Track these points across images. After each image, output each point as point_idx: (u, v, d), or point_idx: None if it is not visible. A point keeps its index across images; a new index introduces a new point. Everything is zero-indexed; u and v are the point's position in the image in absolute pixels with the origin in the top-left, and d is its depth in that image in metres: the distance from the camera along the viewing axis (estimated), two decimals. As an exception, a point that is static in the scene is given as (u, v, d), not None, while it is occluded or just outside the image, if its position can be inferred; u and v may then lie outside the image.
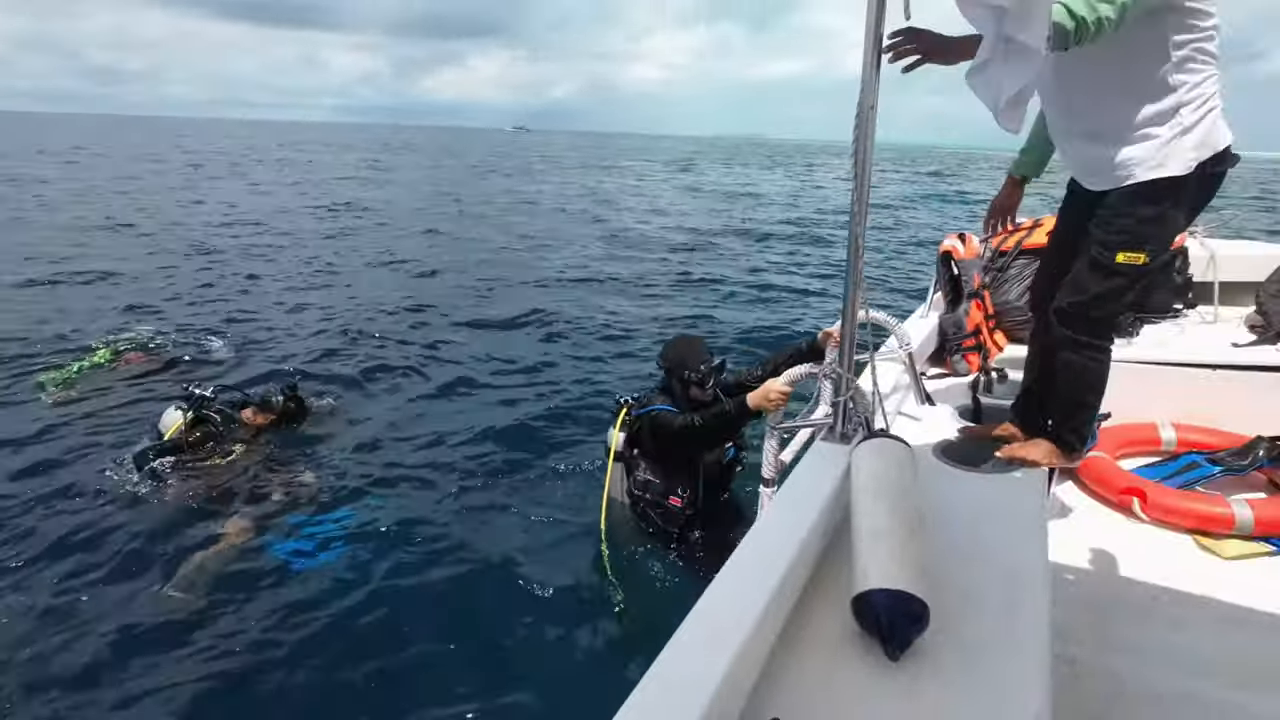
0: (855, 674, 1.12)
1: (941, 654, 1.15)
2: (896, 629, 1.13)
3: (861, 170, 1.42)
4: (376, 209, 15.86)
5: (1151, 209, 1.57)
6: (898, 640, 1.13)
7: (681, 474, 2.99)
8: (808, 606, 1.29)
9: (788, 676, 1.12)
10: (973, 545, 1.45)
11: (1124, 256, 1.60)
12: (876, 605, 1.14)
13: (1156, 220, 1.58)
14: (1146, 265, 1.61)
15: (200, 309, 7.11)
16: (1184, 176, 1.53)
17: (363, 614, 2.80)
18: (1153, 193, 1.56)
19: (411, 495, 3.73)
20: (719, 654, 0.97)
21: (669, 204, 19.80)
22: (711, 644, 1.00)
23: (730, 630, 1.03)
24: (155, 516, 3.32)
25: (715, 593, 1.12)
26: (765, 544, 1.26)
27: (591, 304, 7.92)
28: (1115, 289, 1.65)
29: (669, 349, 3.05)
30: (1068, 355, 1.77)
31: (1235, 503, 2.10)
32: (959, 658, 1.15)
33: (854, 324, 1.55)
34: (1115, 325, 1.76)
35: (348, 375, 5.38)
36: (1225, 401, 2.69)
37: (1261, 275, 3.25)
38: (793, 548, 1.23)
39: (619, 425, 3.07)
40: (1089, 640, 1.66)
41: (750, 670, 1.07)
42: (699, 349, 2.97)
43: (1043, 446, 1.87)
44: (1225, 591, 1.83)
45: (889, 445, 1.45)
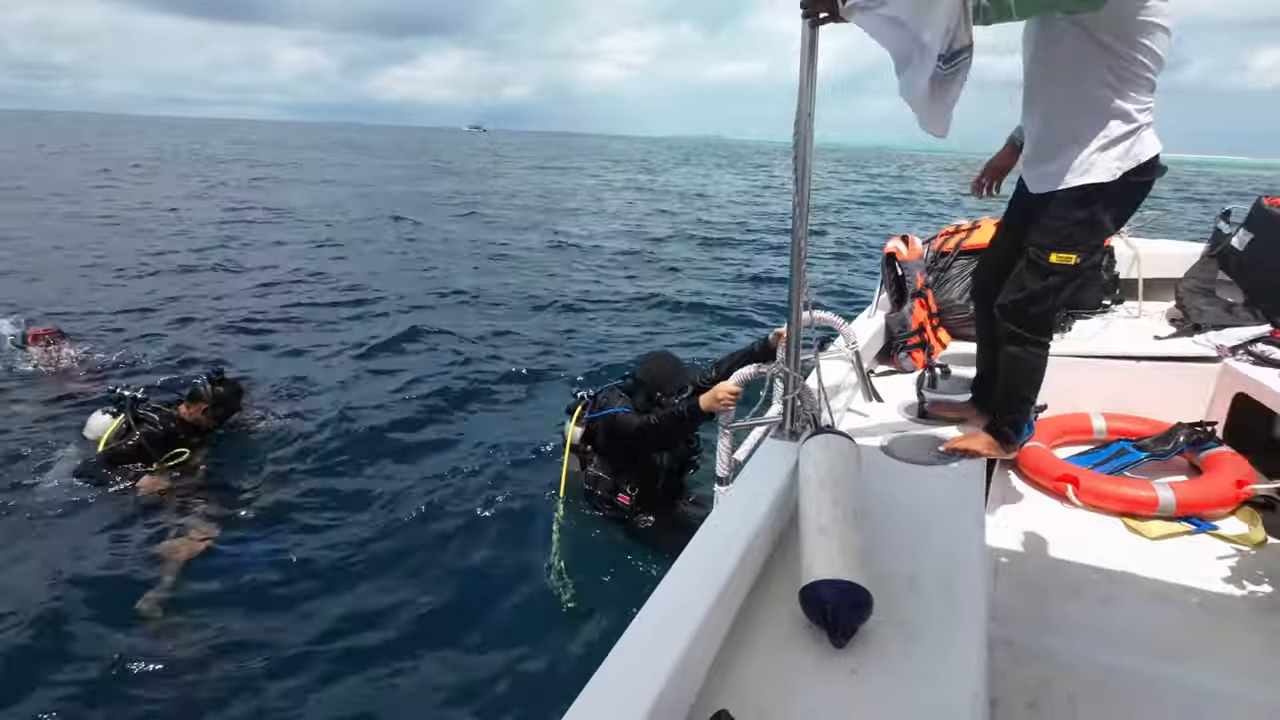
0: (803, 662, 1.16)
1: (885, 639, 1.20)
2: (841, 618, 1.18)
3: (802, 175, 1.47)
4: (292, 211, 15.06)
5: (1080, 212, 1.70)
6: (842, 628, 1.17)
7: (631, 472, 3.03)
8: (760, 599, 1.33)
9: (738, 668, 1.15)
10: (915, 534, 1.51)
11: (1056, 257, 1.72)
12: (822, 596, 1.19)
13: (1085, 223, 1.71)
14: (1077, 266, 1.74)
15: (83, 318, 6.60)
16: (1108, 183, 1.66)
17: (313, 612, 2.80)
18: (1080, 197, 1.69)
19: (356, 491, 3.71)
20: (669, 648, 1.00)
21: (622, 206, 19.87)
22: (662, 638, 1.02)
23: (681, 624, 1.05)
24: (116, 528, 3.20)
25: (667, 588, 1.15)
26: (716, 539, 1.29)
27: (526, 304, 7.98)
28: (1050, 287, 1.77)
29: (651, 363, 3.08)
30: (1012, 349, 1.89)
31: (1159, 486, 2.23)
32: (901, 641, 1.20)
33: (799, 325, 1.60)
34: (1053, 322, 1.88)
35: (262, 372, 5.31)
36: (1149, 391, 2.86)
37: (1180, 272, 3.45)
38: (742, 542, 1.27)
39: (575, 419, 3.08)
40: (1026, 621, 1.74)
41: (701, 663, 1.10)
42: (679, 375, 3.01)
43: (983, 438, 1.99)
44: (1151, 569, 1.95)
45: (834, 440, 1.49)
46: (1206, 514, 2.20)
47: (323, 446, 4.11)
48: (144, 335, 6.11)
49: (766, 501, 1.41)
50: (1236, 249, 3.24)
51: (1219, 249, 3.35)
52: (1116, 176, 1.65)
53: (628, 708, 0.88)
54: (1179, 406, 2.71)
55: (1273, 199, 3.20)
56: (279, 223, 13.27)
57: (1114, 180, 1.66)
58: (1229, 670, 1.56)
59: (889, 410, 2.34)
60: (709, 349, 6.45)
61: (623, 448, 2.96)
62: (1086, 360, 3.00)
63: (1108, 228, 1.77)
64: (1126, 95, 1.62)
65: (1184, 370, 2.86)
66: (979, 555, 1.46)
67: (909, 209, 21.36)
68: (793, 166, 1.47)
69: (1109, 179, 1.66)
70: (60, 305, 6.92)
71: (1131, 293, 3.56)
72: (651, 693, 0.91)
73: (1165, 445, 2.52)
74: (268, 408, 4.53)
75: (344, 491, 3.67)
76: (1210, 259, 3.38)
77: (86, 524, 3.22)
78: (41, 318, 5.96)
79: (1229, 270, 3.26)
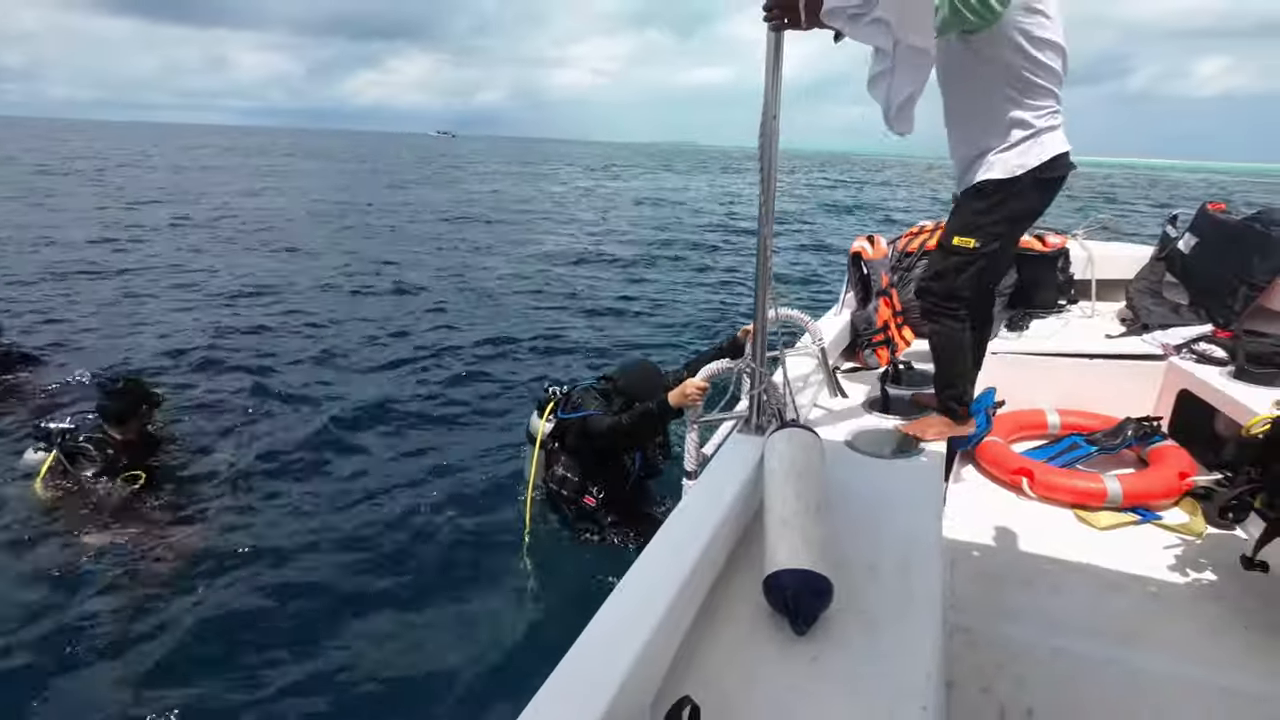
0: (766, 650, 1.19)
1: (845, 625, 1.24)
2: (802, 605, 1.21)
3: (767, 178, 1.50)
4: (236, 217, 14.64)
5: (981, 203, 1.89)
6: (804, 616, 1.21)
7: (600, 474, 3.04)
8: (726, 589, 1.36)
9: (703, 656, 1.17)
10: (876, 524, 1.56)
11: (958, 240, 1.92)
12: (783, 584, 1.22)
13: (984, 213, 1.89)
14: (976, 249, 1.91)
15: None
16: (1009, 180, 1.83)
17: (270, 611, 2.80)
18: (983, 192, 1.88)
19: (320, 489, 3.70)
20: (633, 637, 1.01)
21: (583, 210, 19.79)
22: (626, 627, 1.04)
23: (645, 613, 1.07)
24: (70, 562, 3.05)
25: (632, 578, 1.17)
26: (681, 530, 1.31)
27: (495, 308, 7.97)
28: (951, 266, 1.96)
29: (633, 373, 3.07)
30: (931, 326, 2.07)
31: (1107, 478, 2.33)
32: (860, 627, 1.24)
33: (764, 322, 1.63)
34: (959, 297, 2.01)
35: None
36: (1101, 388, 2.98)
37: (1131, 273, 3.60)
38: (707, 533, 1.29)
39: (546, 415, 3.07)
40: (982, 609, 1.80)
41: (665, 651, 1.12)
42: (660, 387, 3.02)
43: (935, 421, 2.10)
44: (1100, 558, 2.03)
45: (798, 434, 1.53)
46: (1152, 505, 2.30)
47: (279, 457, 4.05)
48: (69, 347, 5.83)
49: (731, 493, 1.44)
50: (1183, 252, 3.38)
51: (1166, 252, 3.50)
52: (1015, 174, 1.82)
53: (591, 695, 0.90)
54: (1128, 402, 2.83)
55: (1215, 204, 3.35)
56: (163, 231, 12.62)
57: (1013, 177, 1.82)
58: (1170, 653, 1.64)
59: (853, 405, 2.39)
60: (680, 350, 6.51)
61: (594, 449, 2.96)
62: (1043, 358, 3.11)
63: (1011, 219, 1.93)
64: (1025, 105, 1.79)
65: (1133, 368, 2.98)
66: (936, 544, 1.51)
67: (874, 214, 21.73)
68: (759, 169, 1.50)
69: (1006, 176, 1.83)
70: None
71: (1086, 293, 3.70)
72: (615, 680, 0.93)
73: (1114, 440, 2.62)
74: (223, 422, 4.43)
75: (296, 499, 3.63)
76: (1158, 261, 3.53)
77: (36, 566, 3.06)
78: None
79: (1175, 272, 3.41)
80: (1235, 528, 2.10)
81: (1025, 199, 1.87)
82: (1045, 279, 3.51)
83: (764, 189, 1.51)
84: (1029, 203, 1.90)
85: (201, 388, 5.08)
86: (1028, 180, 1.82)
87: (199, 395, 4.93)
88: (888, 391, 2.56)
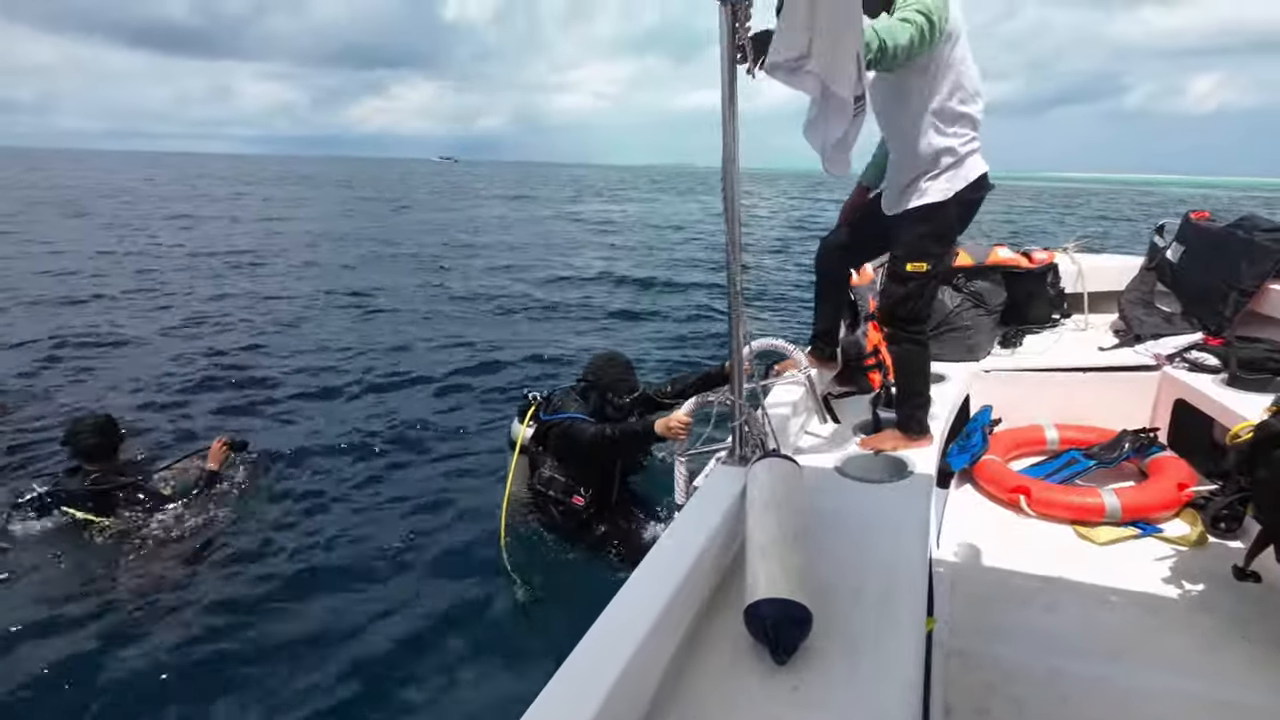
0: (747, 680, 1.20)
1: (827, 653, 1.25)
2: (781, 634, 1.22)
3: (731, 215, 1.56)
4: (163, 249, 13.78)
5: (923, 227, 2.03)
6: (783, 645, 1.22)
7: (586, 475, 3.07)
8: (709, 621, 1.37)
9: (685, 688, 1.19)
10: (861, 549, 1.57)
11: (911, 266, 2.05)
12: (763, 614, 1.23)
13: (927, 236, 2.05)
14: (930, 271, 2.06)
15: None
16: (943, 202, 1.99)
17: (251, 627, 2.82)
18: (923, 216, 2.02)
19: (299, 502, 3.74)
20: (612, 669, 1.03)
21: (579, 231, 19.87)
22: (606, 660, 1.06)
23: (624, 646, 1.09)
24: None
25: (612, 610, 1.19)
26: (663, 562, 1.33)
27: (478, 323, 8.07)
28: (910, 292, 2.09)
29: (598, 363, 3.14)
30: (895, 349, 2.21)
31: (1105, 493, 2.31)
32: (843, 654, 1.24)
33: (740, 355, 1.67)
34: (922, 319, 2.16)
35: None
36: (1098, 401, 2.97)
37: (1122, 284, 3.61)
38: (688, 564, 1.31)
39: (526, 420, 3.10)
40: (980, 632, 1.79)
41: (646, 684, 1.13)
42: (627, 379, 3.07)
43: (889, 435, 2.21)
44: (1097, 575, 2.01)
45: (778, 464, 1.56)
46: (1152, 518, 2.29)
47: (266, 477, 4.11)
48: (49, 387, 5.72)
49: (714, 525, 1.46)
50: (1171, 261, 3.40)
51: (1155, 262, 3.52)
52: (949, 197, 1.99)
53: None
54: (1125, 414, 2.82)
55: (1199, 214, 3.38)
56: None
57: (945, 200, 1.99)
58: (1167, 668, 1.62)
59: (844, 431, 2.41)
60: (671, 370, 6.57)
61: (579, 454, 2.99)
62: (1038, 374, 3.12)
63: (949, 238, 2.12)
64: (947, 133, 1.96)
65: (1128, 379, 2.98)
66: (921, 566, 1.51)
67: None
68: (723, 206, 1.56)
69: (941, 199, 1.99)
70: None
71: (1078, 306, 3.71)
72: (594, 712, 0.95)
73: (1112, 453, 2.61)
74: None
75: (277, 519, 3.67)
76: (1148, 271, 3.55)
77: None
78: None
79: (1166, 282, 3.42)
80: (1236, 538, 2.08)
81: (950, 219, 2.04)
82: (1035, 294, 3.53)
83: (729, 227, 1.56)
84: (953, 222, 2.06)
85: (184, 409, 5.17)
86: (953, 202, 1.99)
87: (188, 414, 5.04)
88: (879, 415, 2.57)
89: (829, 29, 1.30)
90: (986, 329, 3.29)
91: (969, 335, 3.21)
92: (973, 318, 3.24)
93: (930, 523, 1.86)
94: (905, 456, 2.13)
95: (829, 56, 1.29)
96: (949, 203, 1.99)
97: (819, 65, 1.30)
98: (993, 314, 3.34)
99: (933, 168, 1.98)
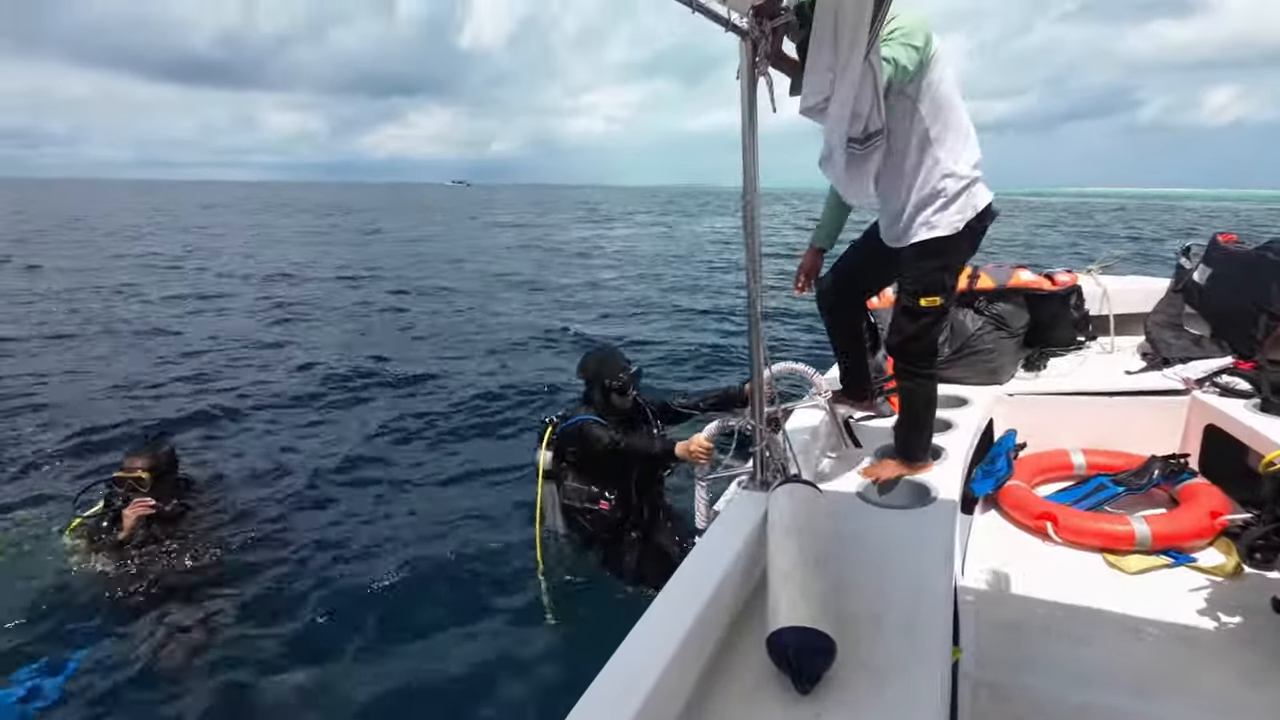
0: (770, 709, 1.19)
1: (850, 682, 1.23)
2: (804, 664, 1.21)
3: (751, 239, 1.58)
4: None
5: (934, 261, 1.99)
6: (806, 674, 1.21)
7: (607, 478, 3.07)
8: (732, 647, 1.37)
9: (707, 715, 1.18)
10: (884, 576, 1.55)
11: (925, 301, 2.01)
12: (785, 643, 1.23)
13: (940, 270, 2.00)
14: (944, 305, 2.02)
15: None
16: (953, 235, 1.94)
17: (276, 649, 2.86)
18: (932, 250, 1.97)
19: (327, 534, 3.78)
20: (633, 699, 1.04)
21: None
22: (628, 689, 1.06)
23: (647, 676, 1.09)
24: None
25: (634, 639, 1.19)
26: (684, 590, 1.34)
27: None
28: (924, 326, 2.05)
29: (588, 361, 3.18)
30: (905, 384, 2.17)
31: (1135, 520, 2.26)
32: (866, 682, 1.23)
33: (761, 379, 1.68)
34: (934, 355, 2.12)
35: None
36: (1126, 425, 2.91)
37: (1148, 307, 3.55)
38: (708, 592, 1.31)
39: (545, 444, 3.14)
40: (1007, 663, 1.75)
41: (669, 713, 1.13)
42: (617, 358, 3.10)
43: (890, 464, 2.19)
44: (1130, 605, 1.96)
45: (799, 489, 1.56)
46: (1184, 546, 2.23)
47: (281, 499, 4.19)
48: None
49: (734, 551, 1.46)
50: (1198, 283, 3.35)
51: (1182, 284, 3.47)
52: (959, 228, 1.94)
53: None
54: (1154, 440, 2.76)
55: (1226, 235, 3.33)
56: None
57: (957, 233, 1.94)
58: (1202, 704, 1.57)
59: (865, 455, 2.39)
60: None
61: (593, 456, 3.02)
62: (1063, 398, 3.07)
63: (955, 270, 2.07)
64: (952, 163, 1.91)
65: (1156, 404, 2.93)
66: (945, 594, 1.49)
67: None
68: (742, 230, 1.58)
69: (951, 233, 1.94)
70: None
71: (1103, 329, 3.66)
72: None
73: (1141, 479, 2.56)
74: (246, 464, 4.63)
75: (300, 539, 3.73)
76: (1175, 294, 3.49)
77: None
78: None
79: (1193, 304, 3.37)
80: (1274, 568, 2.01)
81: (962, 251, 2.02)
82: (1059, 317, 3.48)
83: (749, 253, 1.58)
84: (964, 253, 2.04)
85: (210, 433, 5.29)
86: (965, 233, 1.95)
87: (212, 438, 5.15)
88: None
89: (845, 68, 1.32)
90: (1010, 352, 3.26)
91: (992, 358, 3.18)
92: (995, 340, 3.21)
93: (955, 549, 1.83)
94: (928, 482, 2.11)
95: (842, 102, 1.31)
96: (961, 234, 1.95)
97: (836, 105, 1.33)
98: (1015, 336, 3.30)
99: (941, 201, 1.93)
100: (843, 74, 1.31)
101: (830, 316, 2.42)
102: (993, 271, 3.37)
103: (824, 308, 2.42)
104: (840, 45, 1.30)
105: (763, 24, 1.39)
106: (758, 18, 1.39)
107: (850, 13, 1.29)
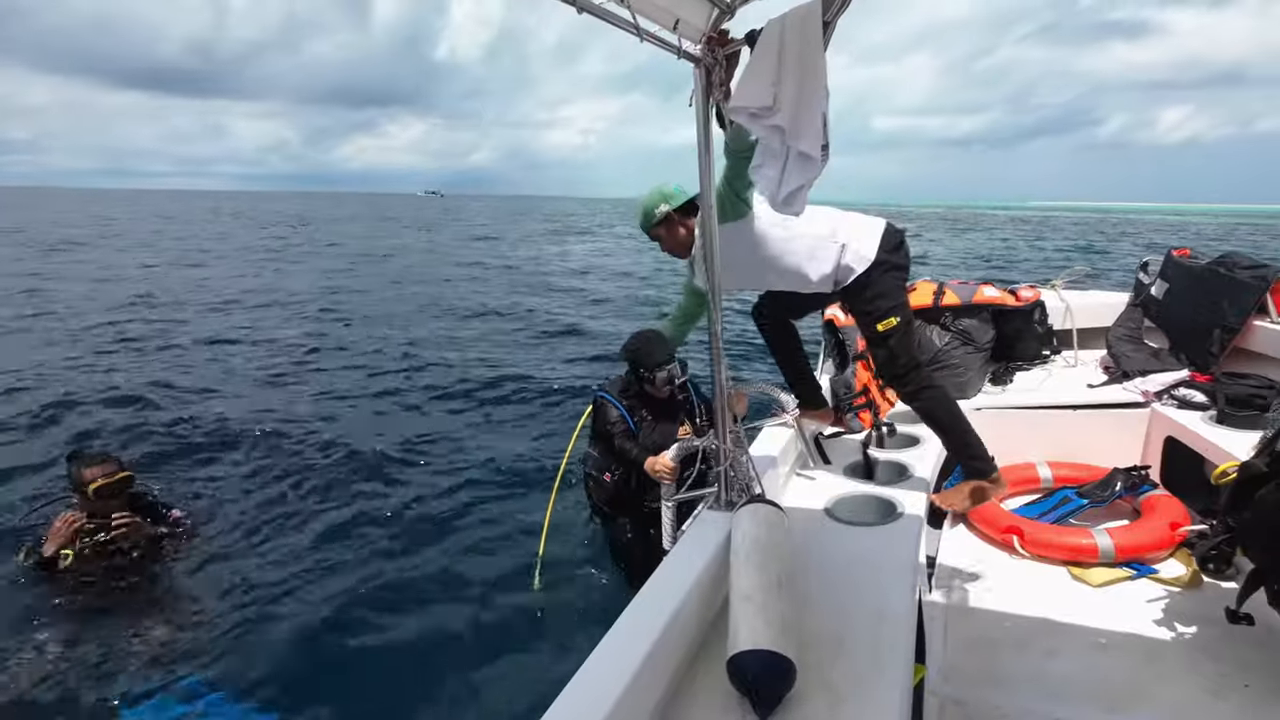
0: None
1: (812, 700, 1.23)
2: (763, 689, 1.21)
3: (712, 264, 1.59)
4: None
5: (869, 291, 2.11)
6: (765, 699, 1.20)
7: (614, 455, 3.13)
8: (695, 669, 1.35)
9: None
10: (848, 595, 1.55)
11: (882, 326, 2.10)
12: (745, 666, 1.22)
13: (881, 295, 2.10)
14: (901, 322, 2.11)
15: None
16: (872, 265, 2.08)
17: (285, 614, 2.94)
18: (864, 284, 2.10)
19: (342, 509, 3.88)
20: None
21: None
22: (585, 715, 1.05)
23: (604, 700, 1.08)
24: None
25: (592, 662, 1.17)
26: (645, 612, 1.32)
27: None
28: (895, 346, 2.12)
29: (633, 341, 3.18)
30: (916, 405, 2.17)
31: (1098, 533, 2.29)
32: (827, 706, 1.22)
33: (723, 400, 1.69)
34: (920, 364, 2.18)
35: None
36: (1089, 438, 2.97)
37: (1110, 320, 3.64)
38: (668, 615, 1.30)
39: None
40: (975, 678, 1.76)
41: None
42: (655, 350, 3.07)
43: (963, 489, 2.20)
44: (1093, 618, 1.98)
45: (762, 509, 1.56)
46: (1146, 558, 2.26)
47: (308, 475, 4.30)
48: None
49: (697, 573, 1.45)
50: (1156, 297, 3.44)
51: (1141, 298, 3.56)
52: (870, 263, 2.08)
53: None
54: (1117, 452, 2.81)
55: (1181, 250, 3.43)
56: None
57: (870, 265, 2.09)
58: (1168, 716, 1.58)
59: (834, 473, 2.40)
60: None
61: (601, 433, 3.14)
62: (1029, 411, 3.12)
63: (901, 286, 2.18)
64: (806, 228, 2.06)
65: (1118, 416, 2.98)
66: (909, 611, 1.50)
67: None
68: (704, 254, 1.59)
69: (864, 269, 2.09)
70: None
71: (1067, 342, 3.74)
72: None
73: (1104, 491, 2.59)
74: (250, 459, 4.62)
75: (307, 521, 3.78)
76: (1135, 308, 3.59)
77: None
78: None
79: (1152, 317, 3.46)
80: (1230, 578, 2.05)
81: (895, 272, 2.12)
82: (1024, 331, 3.55)
83: (710, 271, 1.59)
84: (896, 261, 2.13)
85: (198, 437, 5.16)
86: (877, 265, 2.08)
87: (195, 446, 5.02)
88: (869, 456, 2.57)
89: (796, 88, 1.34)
90: (976, 366, 3.31)
91: (959, 373, 3.23)
92: (962, 356, 3.26)
93: (920, 565, 1.84)
94: (894, 498, 2.12)
95: (793, 113, 1.34)
96: (873, 267, 2.07)
97: (785, 120, 1.34)
98: (982, 351, 3.36)
99: (835, 259, 2.07)
100: (791, 92, 1.33)
101: (768, 334, 2.53)
102: (958, 288, 3.44)
103: (760, 326, 2.54)
104: (786, 64, 1.32)
105: (715, 52, 1.42)
106: (709, 46, 1.42)
107: (796, 38, 1.32)
